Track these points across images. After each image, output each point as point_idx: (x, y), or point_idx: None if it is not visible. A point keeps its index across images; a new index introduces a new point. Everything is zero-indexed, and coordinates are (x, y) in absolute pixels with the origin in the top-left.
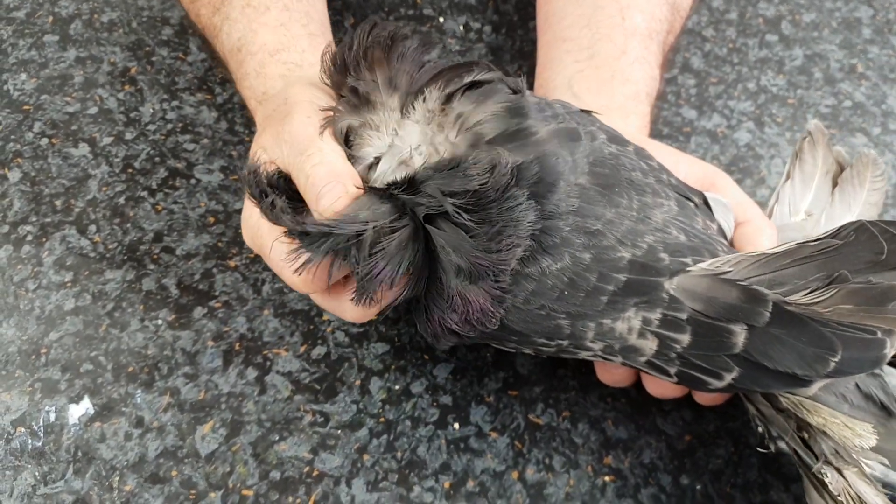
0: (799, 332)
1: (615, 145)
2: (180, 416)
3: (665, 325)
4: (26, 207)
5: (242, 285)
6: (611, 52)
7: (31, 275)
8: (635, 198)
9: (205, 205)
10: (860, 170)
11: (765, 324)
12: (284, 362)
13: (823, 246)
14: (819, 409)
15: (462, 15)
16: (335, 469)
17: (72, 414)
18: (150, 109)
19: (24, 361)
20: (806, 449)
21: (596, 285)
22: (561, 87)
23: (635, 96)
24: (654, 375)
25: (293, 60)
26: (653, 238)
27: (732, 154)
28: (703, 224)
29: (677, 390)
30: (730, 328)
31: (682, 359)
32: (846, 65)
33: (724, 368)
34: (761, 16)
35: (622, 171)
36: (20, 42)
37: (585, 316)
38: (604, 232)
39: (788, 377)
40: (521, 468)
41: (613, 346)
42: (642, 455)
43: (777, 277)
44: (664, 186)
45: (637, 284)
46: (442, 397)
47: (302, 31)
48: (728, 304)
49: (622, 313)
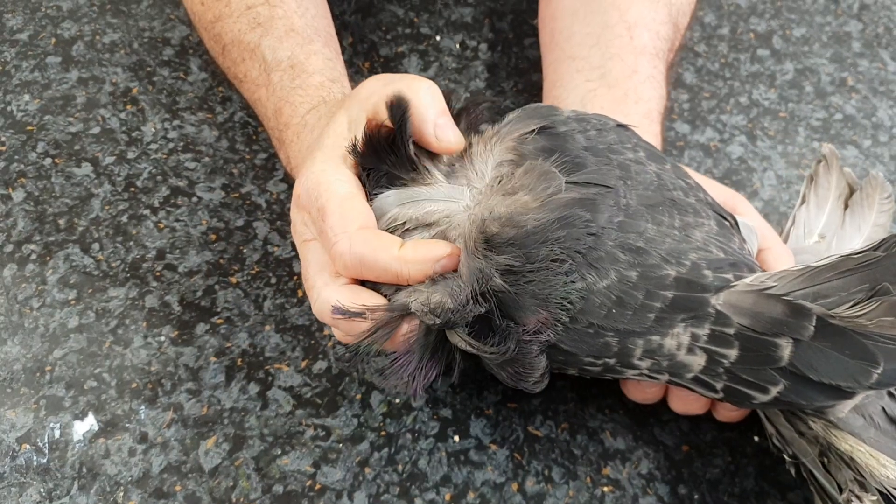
0: (842, 344)
1: (654, 163)
2: (184, 432)
3: (713, 340)
4: (30, 226)
5: (244, 301)
6: (622, 72)
7: (36, 293)
8: (677, 216)
9: (206, 222)
10: (869, 192)
11: (809, 337)
12: (286, 377)
13: (866, 259)
14: (846, 437)
15: (458, 33)
16: (337, 482)
17: (76, 430)
18: (151, 129)
19: (29, 379)
20: (827, 474)
21: (643, 302)
22: (573, 107)
23: (648, 115)
24: (699, 392)
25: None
26: (696, 256)
27: (725, 167)
28: (740, 244)
29: (702, 407)
30: (776, 342)
31: (729, 374)
32: (837, 78)
33: (770, 382)
34: (752, 31)
35: (664, 191)
36: (23, 64)
37: (633, 333)
38: (647, 249)
39: (832, 389)
40: (520, 480)
41: (661, 364)
42: (640, 465)
43: (821, 290)
44: (704, 206)
45: (684, 301)
46: (442, 410)
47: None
48: (774, 319)
49: (670, 329)
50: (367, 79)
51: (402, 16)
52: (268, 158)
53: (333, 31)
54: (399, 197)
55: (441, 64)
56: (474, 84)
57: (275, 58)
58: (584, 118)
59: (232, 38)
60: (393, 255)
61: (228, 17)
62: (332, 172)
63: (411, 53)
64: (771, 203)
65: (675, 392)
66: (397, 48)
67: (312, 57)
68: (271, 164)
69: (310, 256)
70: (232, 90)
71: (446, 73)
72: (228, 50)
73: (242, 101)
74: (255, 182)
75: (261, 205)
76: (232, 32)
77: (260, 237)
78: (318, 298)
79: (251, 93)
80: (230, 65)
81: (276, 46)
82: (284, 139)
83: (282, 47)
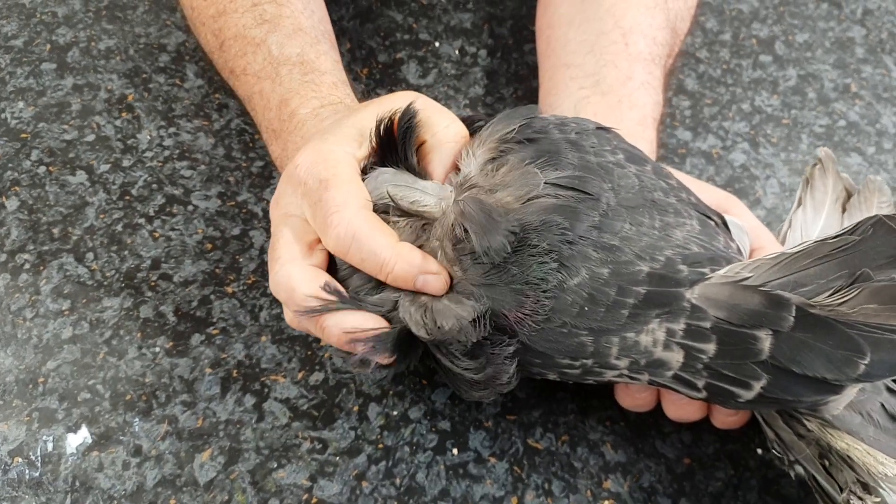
0: (825, 335)
1: (634, 165)
2: (178, 445)
3: (689, 335)
4: (24, 235)
5: (240, 312)
6: (616, 78)
7: (29, 303)
8: (657, 217)
9: (202, 231)
10: (867, 196)
11: (790, 328)
12: (282, 389)
13: (842, 243)
14: (842, 436)
15: (457, 39)
16: (334, 496)
17: (69, 443)
18: (147, 136)
19: (22, 391)
20: (828, 476)
21: (616, 299)
22: (567, 114)
23: (642, 121)
24: (683, 392)
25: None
26: (672, 252)
27: (728, 175)
28: (725, 243)
29: (697, 412)
30: (755, 334)
31: (709, 370)
32: (840, 84)
33: (752, 377)
34: (755, 37)
35: (644, 193)
36: (18, 70)
37: (608, 331)
38: (620, 247)
39: (818, 383)
40: (520, 493)
41: (639, 362)
42: (642, 478)
43: (798, 279)
44: (686, 205)
45: (657, 296)
46: (440, 423)
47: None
48: (751, 311)
49: (645, 325)
50: (405, 92)
51: (400, 21)
52: (264, 166)
53: (334, 37)
54: (394, 177)
55: (440, 70)
56: (473, 90)
57: (282, 53)
58: (564, 121)
59: (235, 34)
60: (389, 242)
61: (233, 13)
62: (341, 154)
63: (410, 60)
64: (774, 211)
65: (667, 396)
66: (396, 54)
67: (322, 57)
68: (268, 172)
69: (285, 230)
70: (229, 97)
71: (445, 80)
72: (229, 45)
73: (239, 109)
74: (252, 190)
75: (257, 213)
76: (236, 27)
77: (256, 246)
78: (280, 271)
79: (250, 86)
80: (228, 59)
81: (284, 42)
82: (284, 129)
83: (290, 44)
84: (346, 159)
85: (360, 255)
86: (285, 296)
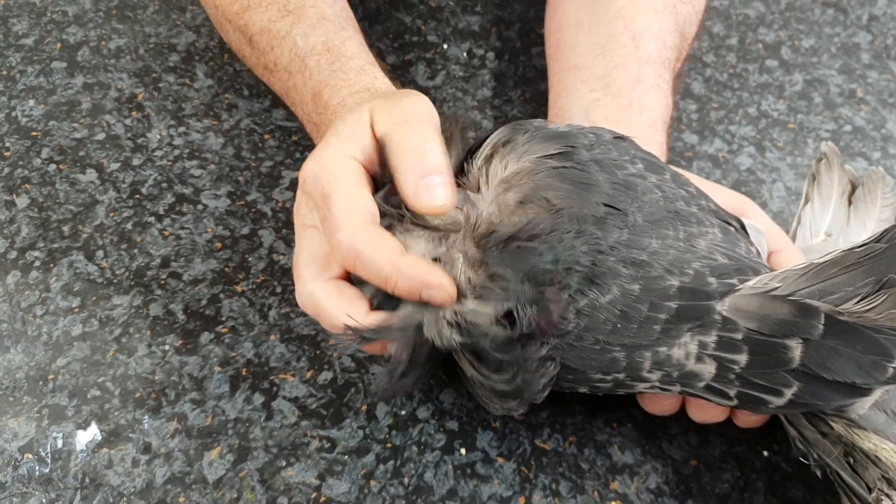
0: (854, 340)
1: (654, 175)
2: (188, 442)
3: (721, 346)
4: (34, 233)
5: (249, 311)
6: (627, 81)
7: (39, 300)
8: (681, 228)
9: (212, 230)
10: (871, 188)
11: (819, 336)
12: (291, 387)
13: (868, 251)
14: (869, 436)
15: (465, 41)
16: (342, 495)
17: (79, 440)
18: (157, 135)
19: (32, 387)
20: (854, 475)
21: (648, 315)
22: (578, 116)
23: (652, 125)
24: (714, 401)
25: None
26: (699, 265)
27: (734, 178)
28: (746, 249)
29: (722, 415)
30: (785, 343)
31: (741, 379)
32: (846, 89)
33: (784, 384)
34: (761, 41)
35: (667, 204)
36: (28, 69)
37: (641, 346)
38: (650, 262)
39: (848, 387)
40: (527, 494)
41: (671, 375)
42: (648, 480)
43: (826, 287)
44: (706, 213)
45: (689, 310)
46: (448, 422)
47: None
48: (781, 320)
49: (677, 339)
50: (420, 96)
51: (409, 24)
52: (273, 166)
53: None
54: None
55: (448, 72)
56: (481, 92)
57: (307, 43)
58: (582, 132)
59: (260, 28)
60: (390, 260)
61: (257, 7)
62: (342, 161)
63: (418, 62)
64: (780, 215)
65: (693, 401)
66: (404, 56)
67: (347, 42)
68: (277, 172)
69: (304, 244)
70: (239, 97)
71: (453, 82)
72: (256, 40)
73: (249, 108)
74: (261, 190)
75: (266, 213)
76: (261, 21)
77: (265, 245)
78: (303, 290)
79: (283, 82)
80: (259, 55)
81: (308, 33)
82: (322, 122)
83: (314, 33)
84: (346, 167)
85: (365, 272)
86: (313, 313)
